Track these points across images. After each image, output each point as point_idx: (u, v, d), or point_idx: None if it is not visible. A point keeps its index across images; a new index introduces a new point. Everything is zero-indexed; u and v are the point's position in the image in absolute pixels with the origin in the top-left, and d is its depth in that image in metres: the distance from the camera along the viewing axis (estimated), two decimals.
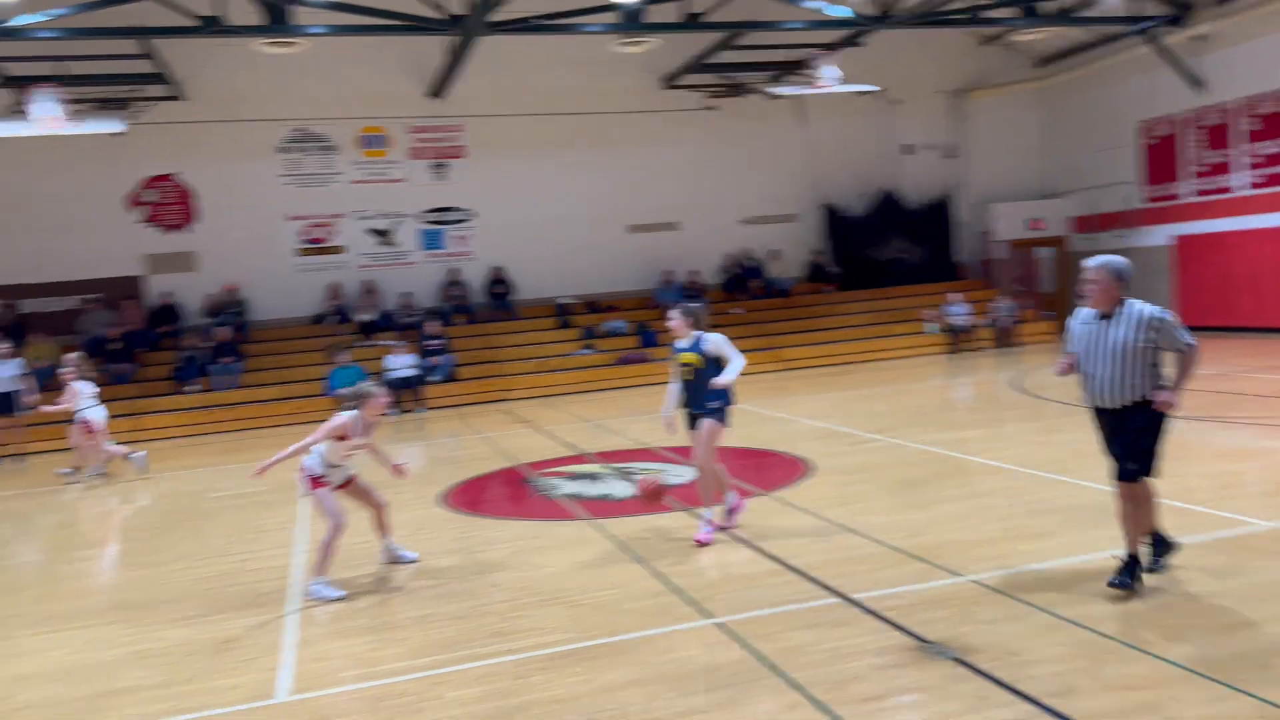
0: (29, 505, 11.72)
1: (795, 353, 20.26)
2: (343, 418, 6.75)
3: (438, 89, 19.89)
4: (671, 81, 21.58)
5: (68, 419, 12.81)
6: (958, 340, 20.83)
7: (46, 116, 15.29)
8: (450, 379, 18.84)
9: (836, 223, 23.25)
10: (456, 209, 21.38)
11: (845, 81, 18.77)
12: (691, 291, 21.36)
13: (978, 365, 18.94)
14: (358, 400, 6.83)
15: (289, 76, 19.55)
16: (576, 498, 9.22)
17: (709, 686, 4.69)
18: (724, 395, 7.16)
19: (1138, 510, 5.42)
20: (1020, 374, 16.45)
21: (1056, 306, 22.37)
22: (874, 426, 11.97)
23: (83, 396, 12.54)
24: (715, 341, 7.14)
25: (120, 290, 19.40)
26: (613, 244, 21.89)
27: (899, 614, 5.42)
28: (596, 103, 21.36)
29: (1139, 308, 5.36)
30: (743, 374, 7.16)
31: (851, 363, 20.19)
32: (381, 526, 7.22)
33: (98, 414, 12.58)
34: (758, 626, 5.40)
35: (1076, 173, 23.41)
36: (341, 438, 6.74)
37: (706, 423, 7.18)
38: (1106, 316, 5.42)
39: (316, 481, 6.76)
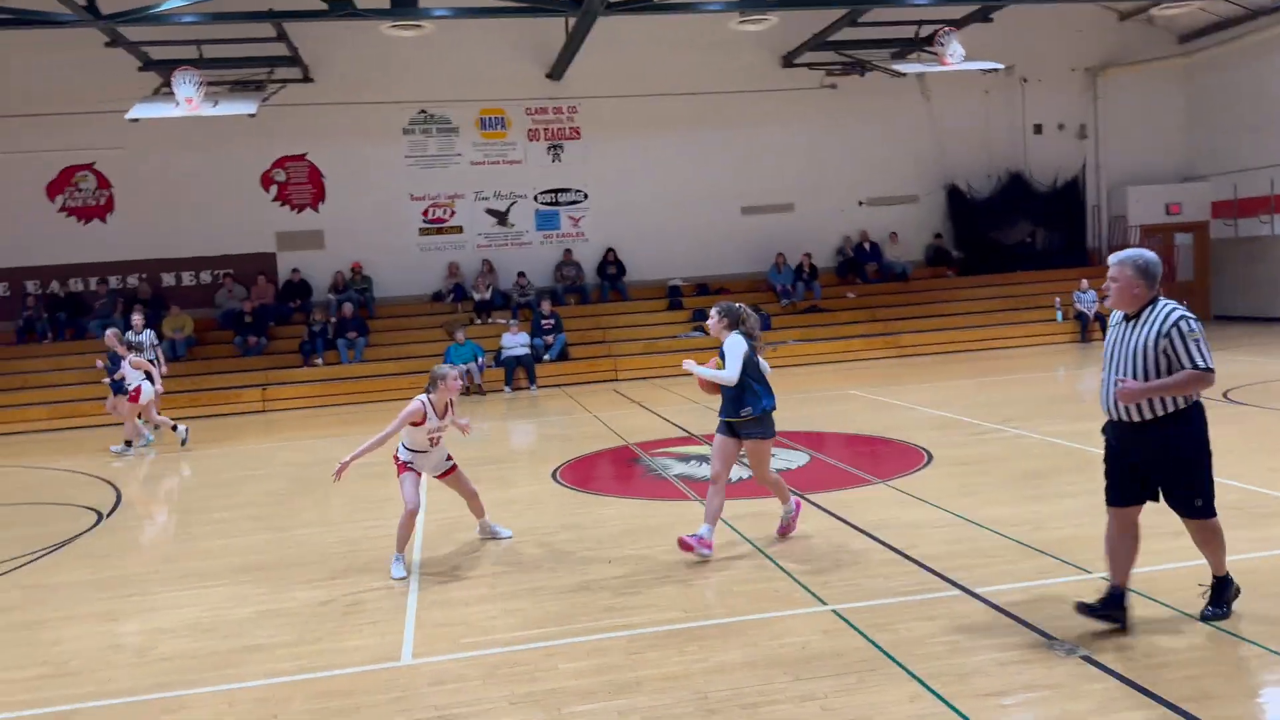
0: (159, 470, 12.35)
1: (913, 339, 19.78)
2: (416, 404, 6.81)
3: (557, 70, 20.04)
4: (791, 60, 21.25)
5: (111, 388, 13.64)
6: (1086, 328, 20.04)
7: (185, 98, 15.99)
8: (562, 358, 19.07)
9: (960, 205, 22.56)
10: (570, 190, 21.57)
11: (971, 58, 18.16)
12: (810, 271, 21.11)
13: None
14: (431, 383, 6.89)
15: (413, 59, 20.00)
16: (686, 479, 9.22)
17: (826, 673, 4.62)
18: (757, 405, 6.75)
19: (1214, 539, 4.95)
20: None
21: (1194, 296, 21.25)
22: (996, 416, 11.60)
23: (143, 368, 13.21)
24: (729, 344, 6.78)
25: (253, 266, 20.25)
26: (725, 225, 21.73)
27: (1022, 609, 5.24)
28: (713, 82, 21.21)
29: (1167, 310, 4.73)
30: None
31: (972, 350, 19.59)
32: (477, 510, 7.38)
33: (149, 386, 13.12)
34: (875, 615, 5.30)
35: (1219, 155, 22.15)
36: (418, 423, 6.81)
37: (750, 444, 6.82)
38: (1133, 318, 4.86)
39: (402, 466, 6.92)
